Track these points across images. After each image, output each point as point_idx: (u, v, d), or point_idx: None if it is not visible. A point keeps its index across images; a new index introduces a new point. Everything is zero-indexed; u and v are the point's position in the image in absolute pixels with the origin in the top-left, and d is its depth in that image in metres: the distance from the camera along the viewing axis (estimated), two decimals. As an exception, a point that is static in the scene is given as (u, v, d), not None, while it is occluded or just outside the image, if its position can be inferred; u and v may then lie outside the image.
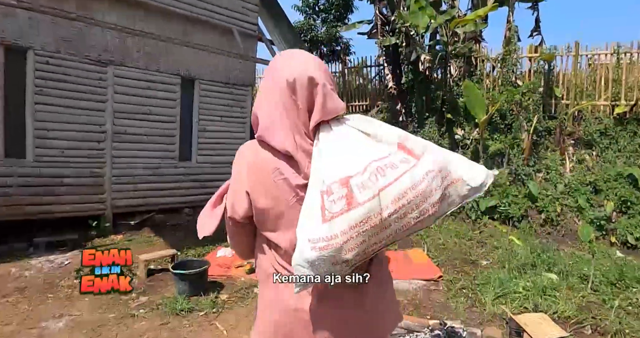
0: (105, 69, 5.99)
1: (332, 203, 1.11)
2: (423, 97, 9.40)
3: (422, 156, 1.19)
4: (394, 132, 1.24)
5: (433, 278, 4.52)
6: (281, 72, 1.24)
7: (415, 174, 1.15)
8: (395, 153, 1.19)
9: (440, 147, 1.27)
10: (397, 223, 1.14)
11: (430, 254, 5.51)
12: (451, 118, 9.11)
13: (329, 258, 1.11)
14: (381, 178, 1.13)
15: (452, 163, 1.25)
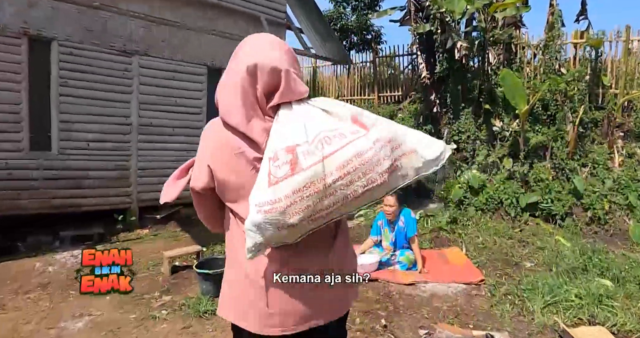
0: (130, 59, 5.84)
1: (277, 168, 1.16)
2: (459, 87, 8.91)
3: (372, 127, 1.22)
4: (350, 107, 1.29)
5: (474, 282, 4.17)
6: (244, 57, 1.31)
7: (362, 143, 1.18)
8: (347, 126, 1.23)
9: (399, 124, 1.30)
10: (343, 191, 1.17)
11: (469, 254, 5.15)
12: (489, 109, 8.61)
13: (274, 221, 1.17)
14: (327, 146, 1.17)
15: (406, 135, 1.27)
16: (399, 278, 4.21)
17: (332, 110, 1.29)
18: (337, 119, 1.26)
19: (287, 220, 1.18)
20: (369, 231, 6.23)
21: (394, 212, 4.62)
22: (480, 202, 7.58)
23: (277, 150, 1.20)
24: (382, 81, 11.38)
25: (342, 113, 1.28)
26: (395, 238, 4.69)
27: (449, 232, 6.13)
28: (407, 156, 1.26)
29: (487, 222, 6.81)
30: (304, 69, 13.41)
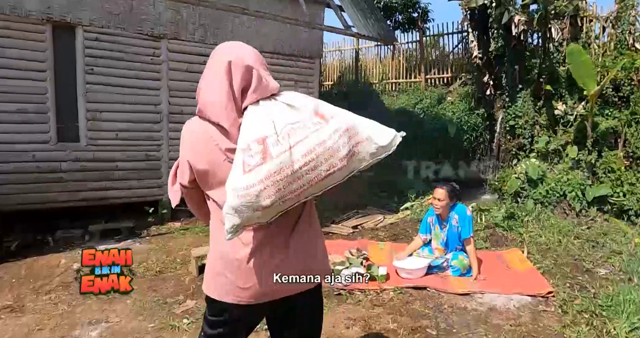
0: (159, 44, 5.50)
1: (250, 157, 1.34)
2: (515, 67, 8.06)
3: (331, 119, 1.40)
4: (312, 100, 1.46)
5: (541, 294, 3.56)
6: (222, 56, 1.50)
7: (323, 133, 1.36)
8: (309, 118, 1.39)
9: (354, 114, 1.48)
10: (309, 175, 1.35)
11: (531, 257, 4.51)
12: (550, 90, 7.73)
13: (250, 204, 1.33)
14: (293, 137, 1.35)
15: (361, 125, 1.44)
16: (451, 287, 3.67)
17: (295, 104, 1.43)
18: (300, 112, 1.40)
19: (261, 203, 1.33)
20: (416, 227, 5.70)
21: (444, 208, 4.05)
22: (539, 195, 6.83)
23: (249, 142, 1.36)
24: (429, 62, 10.61)
25: (304, 106, 1.42)
26: (447, 238, 4.12)
27: (506, 229, 5.47)
28: (362, 143, 1.42)
29: (548, 218, 6.08)
30: (346, 51, 12.80)
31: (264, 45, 6.37)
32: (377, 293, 3.58)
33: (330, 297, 3.57)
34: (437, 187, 4.14)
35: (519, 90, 8.04)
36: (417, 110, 9.79)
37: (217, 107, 1.45)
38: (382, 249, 4.70)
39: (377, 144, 1.44)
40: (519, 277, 3.92)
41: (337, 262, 4.11)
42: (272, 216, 1.42)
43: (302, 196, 1.40)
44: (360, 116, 1.48)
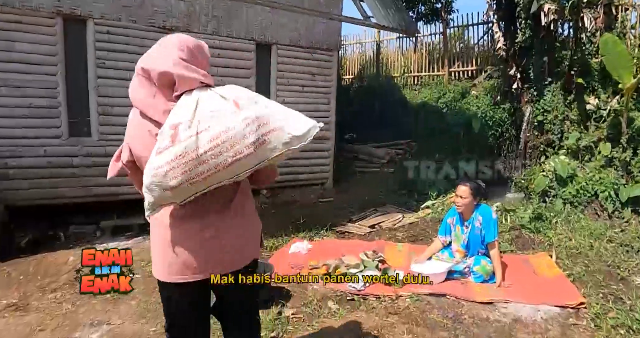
0: (171, 36, 5.36)
1: (163, 141, 1.47)
2: (544, 58, 7.63)
3: (244, 108, 1.48)
4: (244, 92, 1.56)
5: (571, 305, 3.28)
6: (140, 62, 1.66)
7: (230, 121, 1.45)
8: (229, 107, 1.48)
9: (274, 103, 1.58)
10: (215, 160, 1.45)
11: (561, 263, 4.21)
12: (582, 83, 7.29)
13: (159, 183, 1.47)
14: (204, 124, 1.46)
15: (276, 114, 1.52)
16: (472, 295, 3.42)
17: (227, 94, 1.53)
18: (226, 102, 1.50)
19: (168, 183, 1.46)
20: (436, 227, 5.43)
21: (466, 206, 3.78)
22: (569, 194, 6.45)
23: (164, 127, 1.49)
24: (453, 55, 10.23)
25: (229, 96, 1.51)
26: (468, 241, 3.86)
27: (533, 231, 5.16)
28: (274, 132, 1.49)
29: (579, 219, 5.72)
30: (366, 44, 12.49)
31: (279, 37, 6.18)
32: (392, 300, 3.37)
33: (343, 302, 3.38)
34: (460, 184, 3.88)
35: (547, 84, 7.62)
36: (440, 104, 9.45)
37: (142, 102, 1.64)
38: (400, 251, 4.47)
39: (291, 133, 1.50)
40: (547, 284, 3.63)
41: (352, 265, 3.91)
42: (185, 197, 1.55)
43: (212, 180, 1.50)
44: (283, 107, 1.56)
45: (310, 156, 6.89)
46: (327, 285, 3.62)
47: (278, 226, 5.35)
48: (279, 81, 6.33)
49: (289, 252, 4.43)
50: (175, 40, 1.69)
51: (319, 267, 3.93)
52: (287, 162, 6.66)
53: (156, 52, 1.67)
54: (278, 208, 6.18)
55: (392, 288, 3.53)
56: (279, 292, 3.52)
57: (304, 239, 4.84)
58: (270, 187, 6.60)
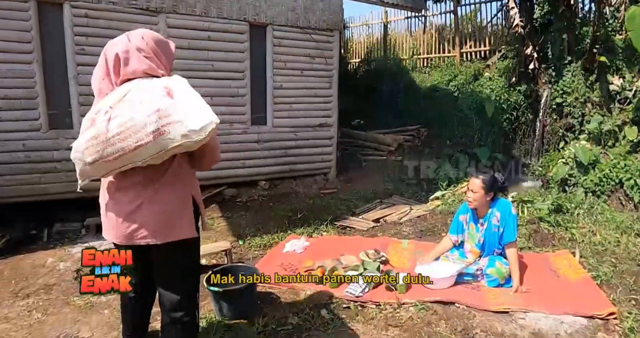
0: (156, 19, 4.96)
1: (85, 122, 1.78)
2: (564, 36, 7.09)
3: (150, 100, 1.71)
4: (171, 86, 1.79)
5: (600, 316, 2.86)
6: (107, 44, 1.95)
7: (136, 111, 1.69)
8: (152, 98, 1.73)
9: (192, 97, 1.76)
10: (121, 144, 1.69)
11: (585, 262, 3.78)
12: (605, 62, 6.74)
13: (79, 159, 1.77)
14: (116, 111, 1.72)
15: (179, 108, 1.70)
16: (485, 302, 3.02)
17: (166, 85, 1.79)
18: (155, 93, 1.75)
19: (85, 159, 1.75)
20: (447, 221, 5.02)
21: (479, 201, 3.35)
22: (591, 183, 5.98)
23: (91, 111, 1.82)
24: (464, 35, 9.65)
25: (162, 88, 1.78)
26: (484, 240, 3.44)
27: (553, 225, 4.71)
28: (173, 124, 1.68)
29: (603, 211, 5.25)
30: (374, 25, 11.93)
31: (275, 17, 5.73)
32: (394, 309, 2.98)
33: (338, 310, 3.00)
34: (472, 176, 3.43)
35: (567, 63, 7.08)
36: (450, 87, 8.93)
37: (94, 84, 1.98)
38: (405, 249, 4.08)
39: (188, 127, 1.67)
40: (571, 289, 3.21)
41: (351, 266, 3.53)
42: (104, 173, 1.83)
43: (123, 161, 1.75)
44: (195, 101, 1.74)
45: (311, 144, 6.49)
46: (322, 287, 3.26)
47: (275, 220, 5.00)
48: (275, 65, 5.89)
49: (282, 251, 4.06)
50: (139, 31, 1.95)
51: (314, 268, 3.56)
52: (287, 151, 6.27)
53: (118, 39, 1.91)
54: (276, 201, 5.81)
55: (394, 294, 3.15)
56: (267, 296, 3.17)
57: (301, 236, 4.47)
58: (269, 178, 6.22)
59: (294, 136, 6.29)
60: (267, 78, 5.92)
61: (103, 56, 1.91)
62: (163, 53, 1.96)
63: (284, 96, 6.09)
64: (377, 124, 9.35)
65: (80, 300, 3.31)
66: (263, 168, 6.14)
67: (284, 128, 6.21)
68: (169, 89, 1.75)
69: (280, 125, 6.17)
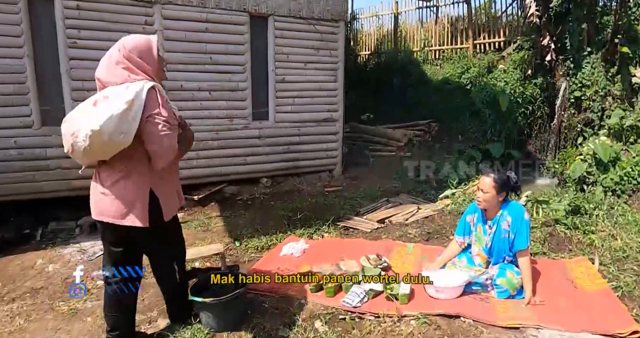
0: (151, 9, 4.75)
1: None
2: (583, 26, 6.72)
3: (81, 107, 2.22)
4: (111, 92, 2.16)
5: (622, 335, 2.59)
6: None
7: (74, 120, 2.18)
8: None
9: (100, 108, 2.11)
10: (77, 145, 2.10)
11: (605, 271, 3.49)
12: (627, 53, 6.37)
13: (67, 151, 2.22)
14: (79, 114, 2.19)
15: (77, 119, 2.15)
16: (493, 316, 2.77)
17: (105, 94, 2.17)
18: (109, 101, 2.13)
19: (66, 151, 2.21)
20: (456, 223, 4.74)
21: (489, 202, 3.09)
22: (610, 181, 5.66)
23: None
24: (478, 25, 9.28)
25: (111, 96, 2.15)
26: (492, 245, 3.19)
27: (570, 228, 4.41)
28: (77, 131, 2.09)
29: (624, 212, 4.93)
30: (384, 16, 11.59)
31: (277, 7, 5.49)
32: (393, 322, 2.75)
33: (333, 322, 2.79)
34: (482, 174, 3.17)
35: (586, 54, 6.72)
36: (463, 80, 8.59)
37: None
38: (410, 254, 3.83)
39: (78, 136, 2.08)
40: (590, 302, 2.94)
41: (350, 272, 3.30)
42: (86, 163, 2.28)
43: (82, 156, 2.18)
44: (95, 112, 2.10)
45: (316, 140, 6.25)
46: (317, 296, 3.05)
47: (274, 220, 4.79)
48: (277, 57, 5.65)
49: (279, 254, 3.85)
50: (122, 40, 2.27)
51: (311, 275, 3.34)
52: (290, 147, 6.05)
53: (117, 43, 2.28)
54: (278, 199, 5.60)
55: (395, 304, 2.92)
56: (258, 307, 2.96)
57: (300, 237, 4.26)
58: (271, 175, 6.02)
59: (298, 131, 6.06)
60: (268, 71, 5.69)
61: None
62: (139, 58, 2.23)
63: (287, 90, 5.86)
64: (387, 118, 9.09)
65: (65, 306, 3.16)
66: (265, 165, 5.93)
67: (287, 123, 5.98)
68: (104, 96, 2.14)
69: (283, 120, 5.94)
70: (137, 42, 2.24)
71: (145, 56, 2.24)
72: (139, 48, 2.23)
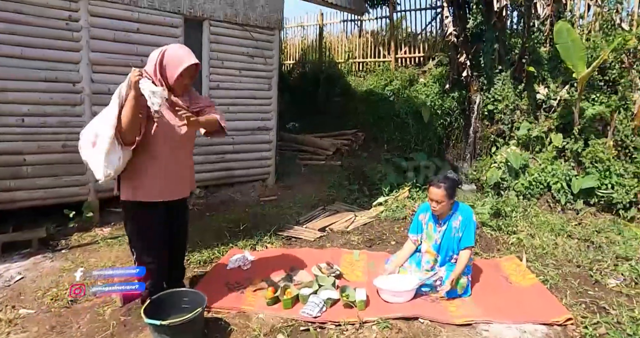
0: (76, 4, 4.36)
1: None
2: (495, 46, 7.38)
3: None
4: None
5: (558, 322, 2.87)
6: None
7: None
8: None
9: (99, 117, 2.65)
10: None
11: (532, 267, 3.84)
12: (533, 72, 7.10)
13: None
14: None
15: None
16: (448, 316, 2.91)
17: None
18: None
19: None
20: (393, 228, 4.95)
21: (444, 209, 3.26)
22: (521, 186, 6.25)
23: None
24: (399, 41, 9.80)
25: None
26: (441, 241, 3.34)
27: (495, 229, 4.80)
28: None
29: (537, 214, 5.48)
30: (309, 27, 11.78)
31: (213, 11, 5.34)
32: (356, 329, 2.77)
33: (295, 334, 2.74)
34: (431, 185, 3.29)
35: (498, 72, 7.39)
36: (386, 92, 8.98)
37: None
38: (358, 261, 3.90)
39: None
40: (526, 296, 3.22)
41: (304, 283, 3.28)
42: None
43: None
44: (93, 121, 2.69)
45: (250, 149, 6.14)
46: (275, 309, 2.98)
47: (214, 232, 4.60)
48: (212, 63, 5.47)
49: (226, 267, 3.70)
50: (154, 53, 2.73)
51: (265, 288, 3.26)
52: (223, 156, 5.87)
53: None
54: (214, 210, 5.39)
55: (354, 311, 2.94)
56: (215, 326, 2.81)
57: (244, 249, 4.14)
58: (204, 185, 5.78)
59: (232, 140, 5.90)
60: (202, 77, 5.48)
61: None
62: (163, 67, 2.69)
63: (221, 97, 5.68)
64: (313, 128, 9.18)
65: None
66: (198, 174, 5.65)
67: (221, 131, 5.79)
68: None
69: (217, 128, 5.74)
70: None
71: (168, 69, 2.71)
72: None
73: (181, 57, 2.63)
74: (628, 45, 6.19)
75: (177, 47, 2.73)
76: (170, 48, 2.68)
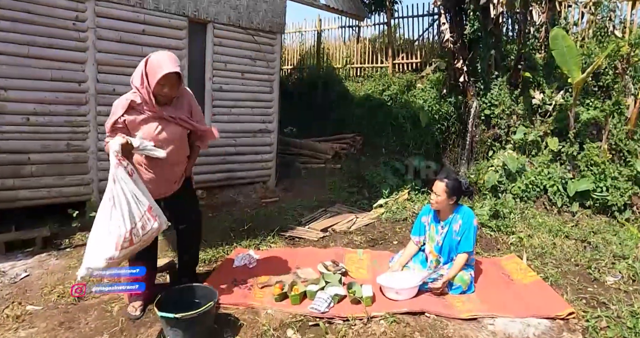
0: (84, 5, 4.42)
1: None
2: (492, 52, 7.52)
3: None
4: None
5: (561, 316, 2.93)
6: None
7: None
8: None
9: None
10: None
11: (532, 265, 3.91)
12: (528, 78, 7.24)
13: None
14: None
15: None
16: (454, 311, 2.97)
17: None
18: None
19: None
20: (395, 229, 5.01)
21: (441, 205, 3.33)
22: (518, 189, 6.34)
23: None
24: (397, 46, 9.92)
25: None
26: (442, 243, 3.40)
27: (494, 230, 4.88)
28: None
29: (534, 215, 5.56)
30: (307, 33, 11.89)
31: (217, 14, 5.41)
32: (364, 324, 2.82)
33: (304, 329, 2.77)
34: (436, 179, 3.39)
35: (494, 78, 7.52)
36: (384, 97, 9.09)
37: None
38: (361, 259, 3.94)
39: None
40: (529, 292, 3.28)
41: (311, 280, 3.32)
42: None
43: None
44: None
45: (251, 151, 6.19)
46: (283, 305, 3.01)
47: (217, 232, 4.62)
48: (215, 65, 5.54)
49: (233, 265, 3.74)
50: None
51: (272, 284, 3.29)
52: (226, 157, 5.92)
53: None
54: (216, 211, 5.42)
55: (361, 307, 2.99)
56: (224, 321, 2.84)
57: (248, 248, 4.17)
58: (206, 186, 5.81)
59: (234, 142, 5.95)
60: (205, 79, 5.54)
61: None
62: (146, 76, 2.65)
63: (224, 99, 5.74)
64: (311, 132, 9.25)
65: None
66: (200, 176, 5.70)
67: (223, 133, 5.81)
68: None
69: (219, 130, 5.73)
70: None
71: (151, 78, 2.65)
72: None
73: (161, 64, 2.54)
74: (621, 51, 6.35)
75: (160, 55, 2.62)
76: (152, 55, 2.60)
